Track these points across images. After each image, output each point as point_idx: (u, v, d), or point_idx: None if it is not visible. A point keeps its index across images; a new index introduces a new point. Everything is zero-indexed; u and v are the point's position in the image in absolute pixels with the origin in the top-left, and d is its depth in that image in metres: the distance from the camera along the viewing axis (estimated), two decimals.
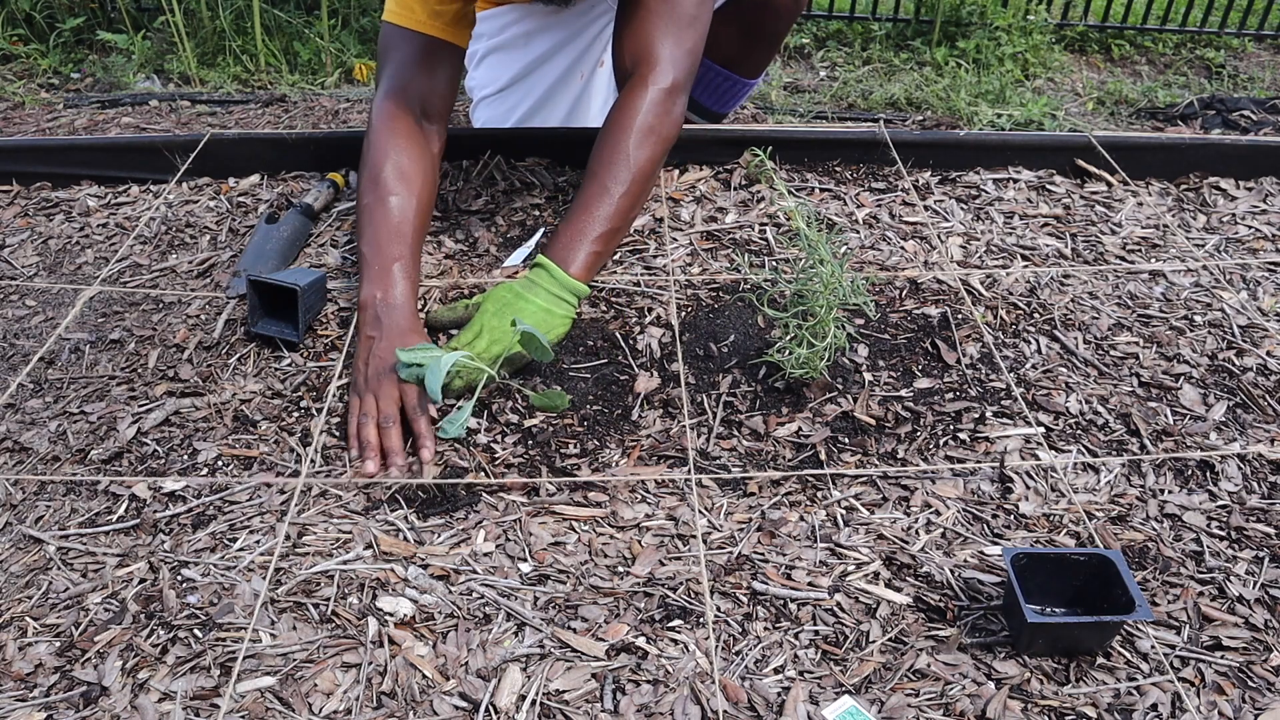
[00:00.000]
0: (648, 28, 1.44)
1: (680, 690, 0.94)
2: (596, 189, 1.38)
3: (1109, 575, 0.98)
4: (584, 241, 1.37)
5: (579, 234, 1.37)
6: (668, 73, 1.42)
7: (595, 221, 1.37)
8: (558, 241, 1.38)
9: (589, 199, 1.38)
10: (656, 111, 1.40)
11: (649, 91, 1.40)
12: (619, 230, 1.41)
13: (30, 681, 0.96)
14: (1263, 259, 1.61)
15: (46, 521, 1.14)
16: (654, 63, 1.42)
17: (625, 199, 1.39)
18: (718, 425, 1.26)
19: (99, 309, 1.50)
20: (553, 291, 1.34)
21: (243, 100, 2.46)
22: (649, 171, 1.41)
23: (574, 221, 1.38)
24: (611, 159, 1.39)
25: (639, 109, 1.40)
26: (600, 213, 1.38)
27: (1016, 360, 1.37)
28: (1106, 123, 2.46)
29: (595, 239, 1.37)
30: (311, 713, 0.93)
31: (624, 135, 1.39)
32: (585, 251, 1.37)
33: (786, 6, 1.77)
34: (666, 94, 1.41)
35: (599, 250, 1.38)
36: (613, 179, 1.38)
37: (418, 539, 1.10)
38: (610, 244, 1.41)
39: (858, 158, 1.83)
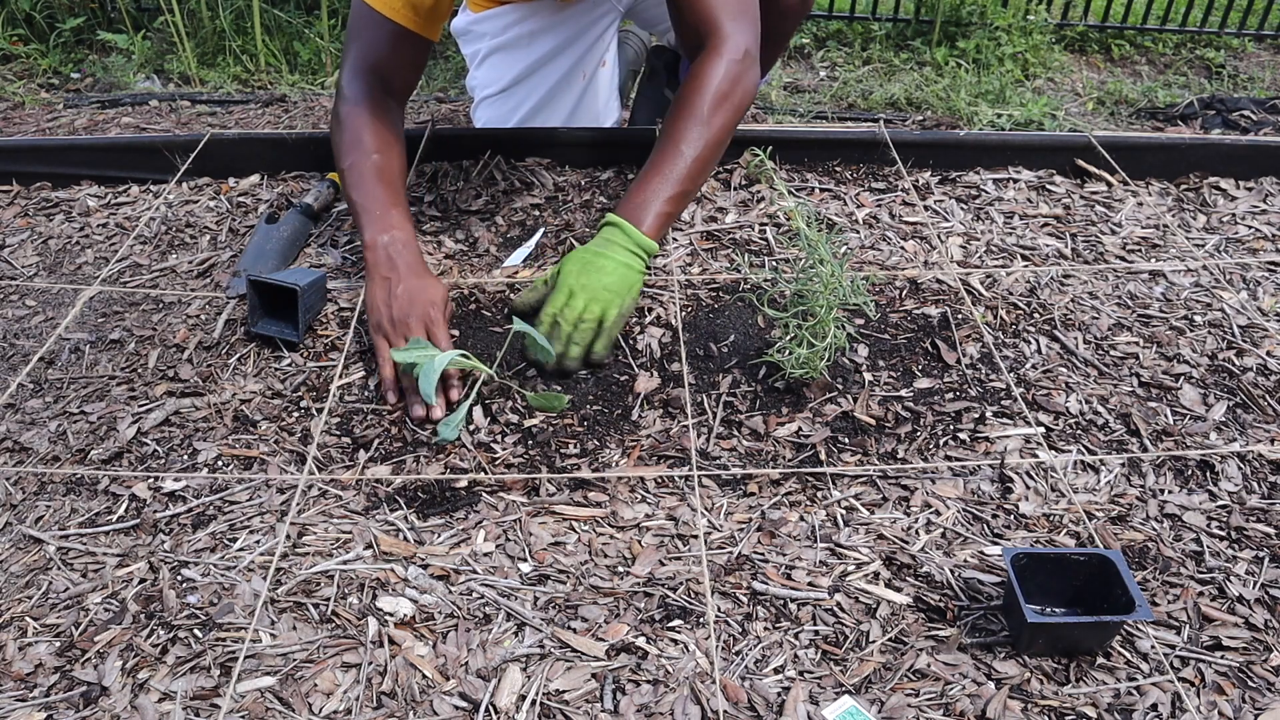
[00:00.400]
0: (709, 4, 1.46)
1: (680, 690, 0.94)
2: (670, 150, 1.39)
3: (1109, 575, 0.98)
4: (656, 201, 1.37)
5: (652, 193, 1.38)
6: (739, 42, 1.44)
7: (667, 182, 1.38)
8: (630, 200, 1.39)
9: (662, 160, 1.40)
10: (730, 78, 1.41)
11: (723, 60, 1.41)
12: (689, 193, 1.42)
13: (30, 681, 0.96)
14: (1263, 259, 1.61)
15: (46, 521, 1.14)
16: (722, 34, 1.44)
17: (697, 163, 1.39)
18: (718, 425, 1.26)
19: (99, 309, 1.50)
20: (628, 248, 1.35)
21: (243, 100, 2.46)
22: (722, 138, 1.42)
23: (647, 181, 1.39)
24: (687, 123, 1.40)
25: (714, 76, 1.41)
26: (673, 174, 1.38)
27: (1016, 360, 1.37)
28: (1106, 123, 2.46)
29: (667, 199, 1.38)
30: (311, 713, 0.93)
31: (700, 100, 1.40)
32: (656, 211, 1.37)
33: (794, 7, 1.77)
34: (738, 63, 1.42)
35: (669, 211, 1.39)
36: (687, 142, 1.39)
37: (418, 539, 1.11)
38: (680, 205, 1.41)
39: (858, 158, 1.83)
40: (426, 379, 1.16)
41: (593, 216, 1.67)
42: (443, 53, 2.79)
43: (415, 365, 1.21)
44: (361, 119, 1.46)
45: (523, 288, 1.49)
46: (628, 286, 1.33)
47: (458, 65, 2.70)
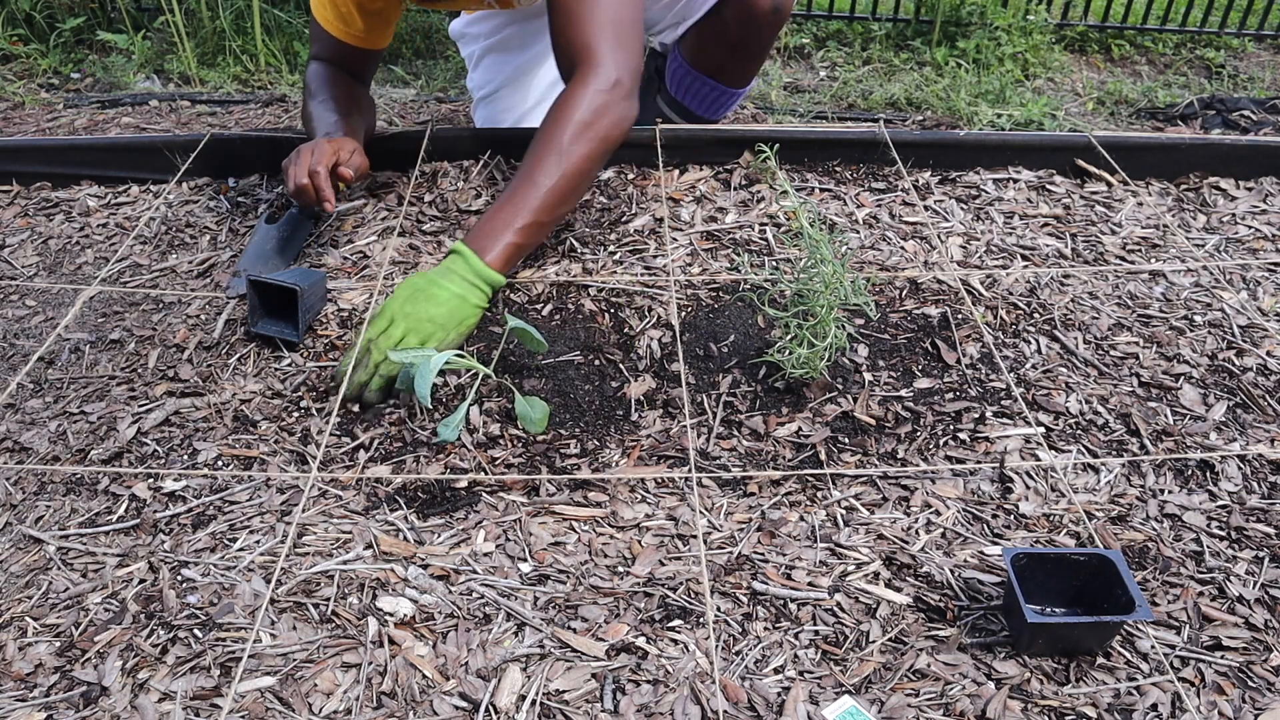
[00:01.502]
0: (586, 26, 1.41)
1: (680, 690, 0.94)
2: (525, 180, 1.36)
3: (1109, 575, 0.98)
4: (505, 231, 1.34)
5: (501, 223, 1.34)
6: (610, 71, 1.39)
7: (519, 213, 1.34)
8: (478, 229, 1.36)
9: (515, 189, 1.36)
10: (596, 109, 1.37)
11: (589, 89, 1.38)
12: (543, 225, 1.38)
13: (30, 681, 0.96)
14: (1263, 259, 1.61)
15: (46, 521, 1.14)
16: (594, 62, 1.39)
17: (552, 194, 1.35)
18: (718, 425, 1.26)
19: (99, 309, 1.50)
20: (467, 278, 1.32)
21: (243, 100, 2.46)
22: (582, 169, 1.37)
23: (497, 211, 1.36)
24: (544, 152, 1.36)
25: (577, 105, 1.37)
26: (525, 204, 1.35)
27: (1016, 360, 1.37)
28: (1106, 123, 2.46)
29: (516, 230, 1.34)
30: (311, 713, 0.93)
31: (559, 130, 1.36)
32: (504, 242, 1.34)
33: (768, 21, 1.77)
34: (606, 92, 1.38)
35: (519, 242, 1.35)
36: (543, 172, 1.35)
37: (418, 539, 1.11)
38: (532, 237, 1.38)
39: (858, 158, 1.83)
40: (422, 379, 1.16)
41: (593, 216, 1.67)
42: (443, 53, 2.79)
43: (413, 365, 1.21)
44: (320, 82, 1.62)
45: (521, 286, 1.49)
46: (458, 319, 1.30)
47: (458, 65, 2.70)
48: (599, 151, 1.39)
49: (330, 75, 1.64)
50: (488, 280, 1.33)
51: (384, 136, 1.79)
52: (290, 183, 1.42)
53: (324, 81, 1.63)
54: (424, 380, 1.16)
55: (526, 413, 1.23)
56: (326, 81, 1.62)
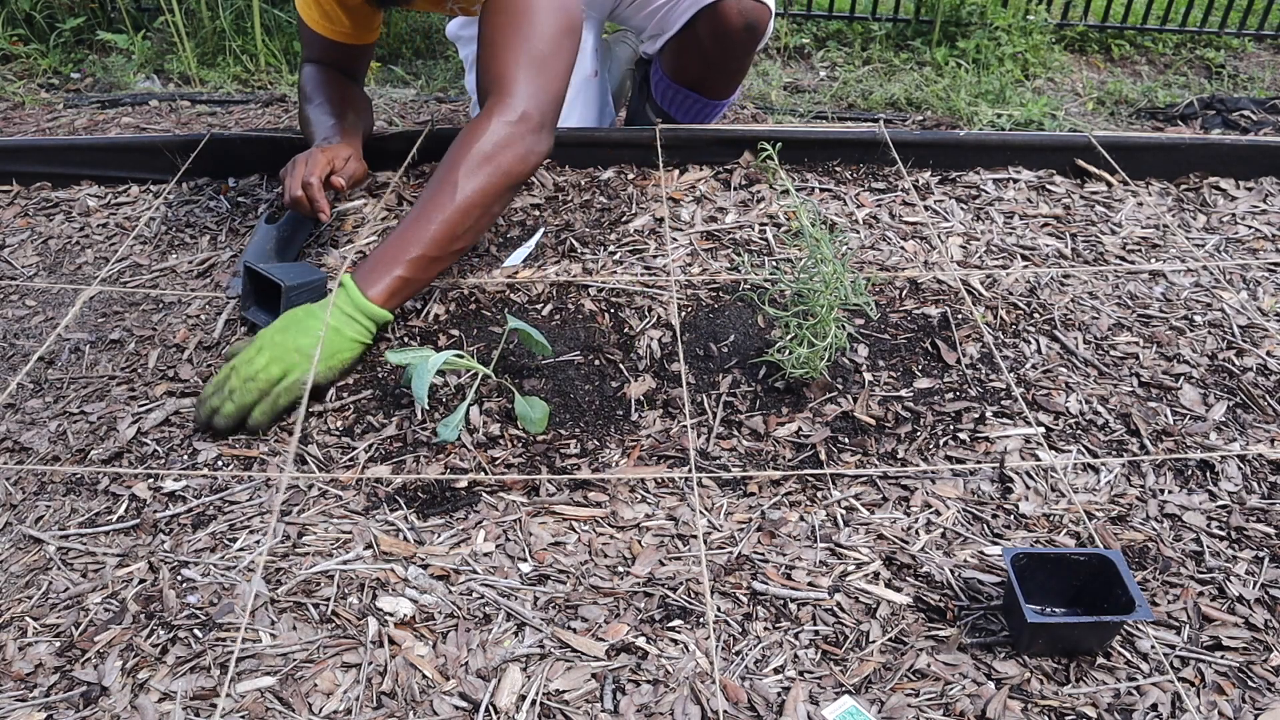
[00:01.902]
0: (503, 56, 1.38)
1: (680, 690, 0.94)
2: (419, 214, 1.32)
3: (1109, 575, 0.98)
4: (392, 266, 1.30)
5: (388, 258, 1.30)
6: (519, 104, 1.35)
7: (408, 246, 1.30)
8: (366, 262, 1.32)
9: (408, 222, 1.32)
10: (498, 142, 1.33)
11: (493, 121, 1.34)
12: (434, 260, 1.32)
13: (30, 681, 0.96)
14: (1263, 259, 1.61)
15: (46, 521, 1.14)
16: (505, 93, 1.36)
17: (444, 226, 1.31)
18: (718, 425, 1.26)
19: (99, 309, 1.50)
20: (345, 311, 1.28)
21: (243, 100, 2.46)
22: (477, 202, 1.32)
23: (388, 244, 1.31)
24: (438, 185, 1.32)
25: (477, 137, 1.33)
26: (415, 238, 1.30)
27: (1016, 360, 1.37)
28: (1106, 123, 2.46)
29: (405, 263, 1.30)
30: (311, 713, 0.93)
31: (456, 162, 1.32)
32: (391, 276, 1.29)
33: (742, 38, 1.76)
34: (513, 125, 1.34)
35: (406, 276, 1.30)
36: (435, 206, 1.31)
37: (418, 539, 1.10)
38: (422, 272, 1.32)
39: (858, 158, 1.83)
40: (419, 381, 1.16)
41: (593, 216, 1.67)
42: (443, 53, 2.79)
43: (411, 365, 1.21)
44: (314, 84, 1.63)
45: (521, 287, 1.49)
46: (330, 352, 1.26)
47: (457, 65, 2.70)
48: (498, 186, 1.34)
49: (324, 77, 1.64)
50: (367, 313, 1.29)
51: (384, 136, 1.79)
52: (285, 195, 1.43)
53: (318, 84, 1.63)
54: (421, 381, 1.16)
55: (526, 413, 1.23)
56: (320, 84, 1.63)
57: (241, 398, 1.21)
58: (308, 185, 1.41)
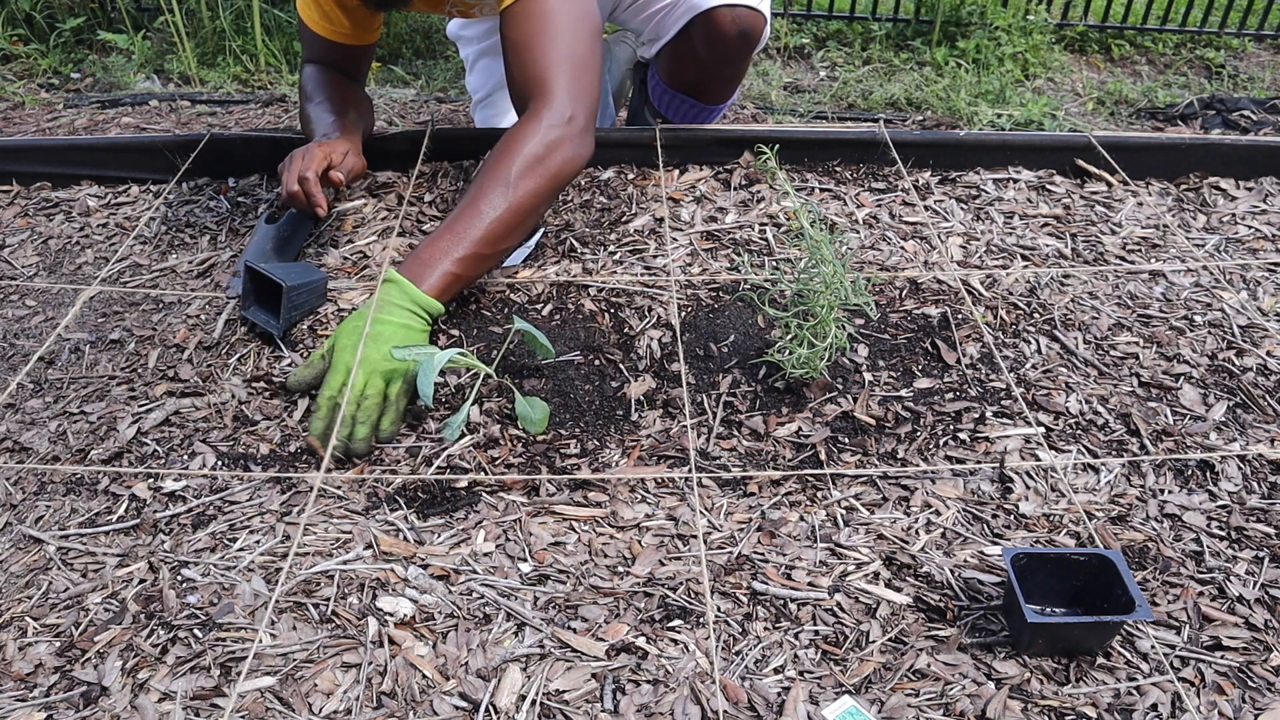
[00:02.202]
0: (541, 60, 1.37)
1: (680, 690, 0.94)
2: (469, 210, 1.31)
3: (1109, 575, 0.98)
4: (443, 260, 1.29)
5: (441, 251, 1.29)
6: (564, 106, 1.35)
7: (459, 243, 1.29)
8: (416, 257, 1.30)
9: (457, 218, 1.31)
10: (549, 143, 1.33)
11: (542, 123, 1.34)
12: (484, 258, 1.32)
13: (30, 681, 0.96)
14: (1263, 259, 1.61)
15: (46, 521, 1.14)
16: (549, 95, 1.36)
17: (496, 225, 1.30)
18: (718, 425, 1.26)
19: (99, 309, 1.50)
20: (406, 307, 1.27)
21: (243, 100, 2.46)
22: (528, 204, 1.32)
23: (437, 239, 1.30)
24: (491, 183, 1.31)
25: (529, 137, 1.33)
26: (467, 234, 1.30)
27: (1016, 360, 1.37)
28: (1106, 123, 2.46)
29: (455, 260, 1.29)
30: (311, 713, 0.93)
31: (508, 161, 1.32)
32: (442, 270, 1.29)
33: (735, 45, 1.75)
34: (560, 128, 1.34)
35: (457, 273, 1.30)
36: (487, 203, 1.30)
37: (418, 539, 1.10)
38: (472, 269, 1.32)
39: (858, 158, 1.83)
40: (425, 378, 1.16)
41: (593, 216, 1.67)
42: (443, 53, 2.79)
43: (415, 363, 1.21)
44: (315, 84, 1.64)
45: (521, 287, 1.49)
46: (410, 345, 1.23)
47: (458, 65, 2.71)
48: (548, 188, 1.34)
49: (324, 77, 1.65)
50: (426, 307, 1.28)
51: (384, 136, 1.79)
52: (283, 189, 1.43)
53: (318, 84, 1.64)
54: (426, 379, 1.16)
55: (527, 413, 1.23)
56: (321, 83, 1.64)
57: (367, 416, 1.19)
58: (304, 180, 1.41)
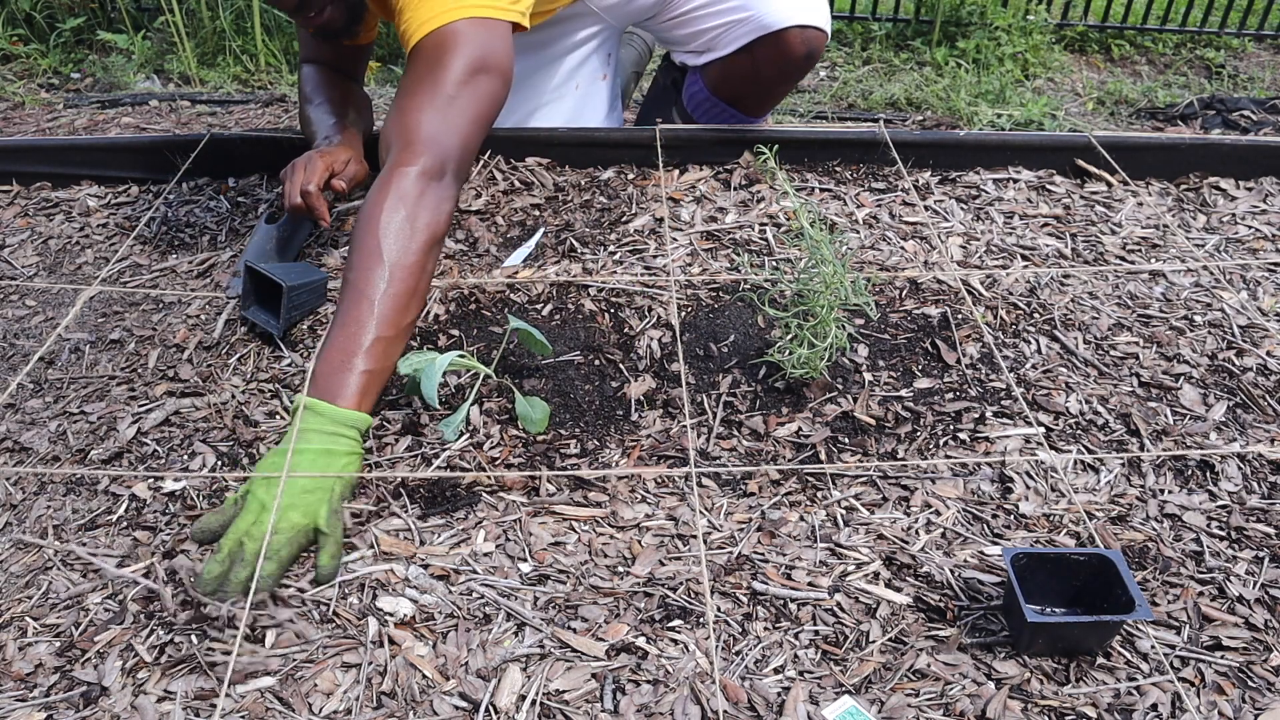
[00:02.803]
0: (407, 105, 1.29)
1: (680, 690, 0.94)
2: (354, 299, 1.18)
3: (1109, 575, 0.98)
4: (352, 363, 1.15)
5: (344, 357, 1.15)
6: (426, 153, 1.25)
7: (361, 336, 1.16)
8: (319, 371, 1.16)
9: (346, 311, 1.18)
10: (412, 198, 1.22)
11: (405, 177, 1.23)
12: (392, 340, 1.18)
13: (30, 681, 0.96)
14: (1263, 259, 1.61)
15: (46, 521, 1.14)
16: (411, 144, 1.26)
17: (389, 301, 1.18)
18: (718, 425, 1.26)
19: (99, 309, 1.50)
20: (325, 431, 1.12)
21: (243, 100, 2.46)
22: (411, 266, 1.20)
23: (335, 343, 1.16)
24: (365, 260, 1.19)
25: (386, 197, 1.22)
26: (364, 325, 1.16)
27: (1016, 360, 1.37)
28: (1106, 123, 2.46)
29: (364, 356, 1.15)
30: (311, 713, 0.93)
31: (374, 230, 1.20)
32: (355, 374, 1.14)
33: (800, 65, 1.74)
34: (423, 176, 1.24)
35: (372, 369, 1.16)
36: (369, 284, 1.18)
37: (418, 539, 1.10)
38: (384, 359, 1.18)
39: (858, 158, 1.83)
40: (428, 381, 1.16)
41: (593, 216, 1.67)
42: None
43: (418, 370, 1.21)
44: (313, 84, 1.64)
45: (521, 287, 1.49)
46: (334, 477, 1.10)
47: None
48: (424, 246, 1.22)
49: (322, 77, 1.65)
50: (349, 423, 1.13)
51: None
52: (285, 201, 1.44)
53: (317, 84, 1.64)
54: (430, 382, 1.16)
55: (527, 413, 1.23)
56: (320, 84, 1.64)
57: (274, 553, 1.03)
58: (306, 194, 1.42)
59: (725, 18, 1.74)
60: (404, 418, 1.26)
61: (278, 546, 1.03)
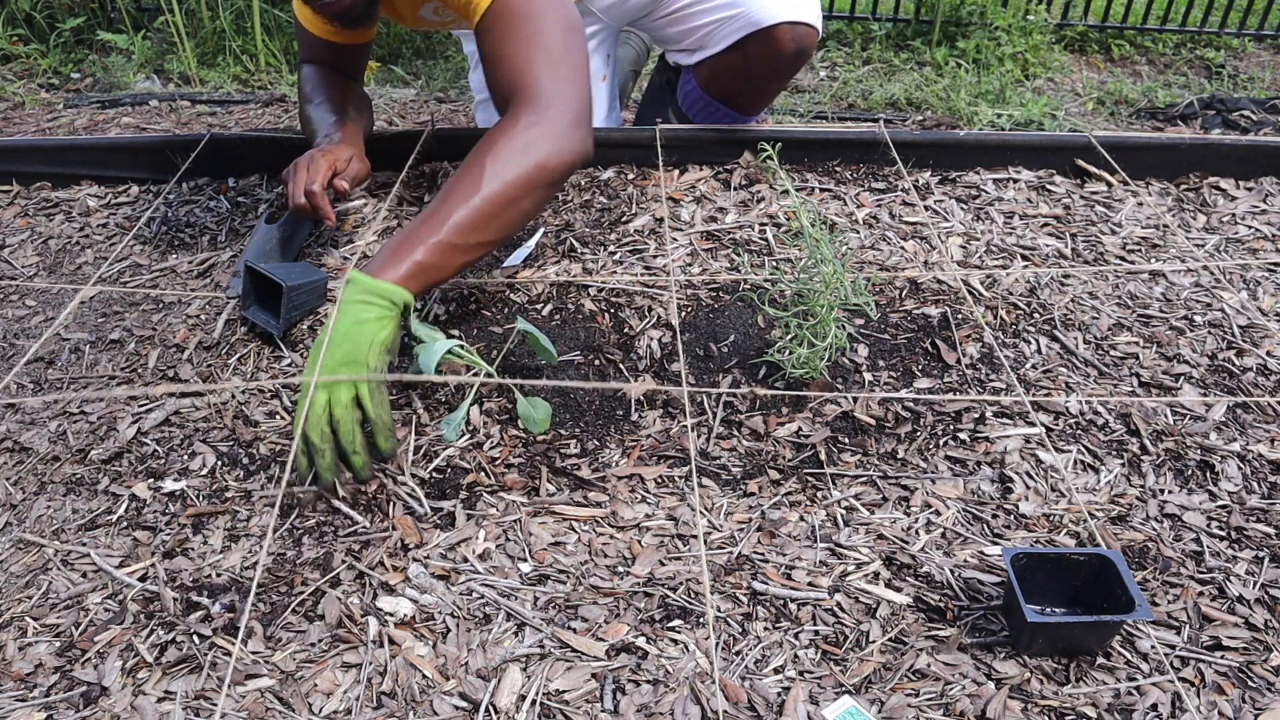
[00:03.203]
0: (515, 63, 1.32)
1: (680, 690, 0.94)
2: (438, 201, 1.23)
3: (1109, 575, 0.98)
4: (408, 252, 1.19)
5: (403, 245, 1.20)
6: (545, 101, 1.29)
7: (426, 233, 1.20)
8: (380, 253, 1.21)
9: (427, 210, 1.23)
10: (531, 136, 1.26)
11: (520, 118, 1.27)
12: (455, 248, 1.21)
13: (30, 681, 0.96)
14: (1263, 259, 1.61)
15: (46, 521, 1.14)
16: (528, 92, 1.30)
17: (468, 213, 1.22)
18: (718, 425, 1.26)
19: (99, 309, 1.50)
20: (355, 300, 1.15)
21: (243, 100, 2.46)
22: (504, 194, 1.23)
23: (401, 234, 1.22)
24: (463, 173, 1.24)
25: (503, 132, 1.27)
26: (434, 224, 1.21)
27: (1016, 360, 1.37)
28: (1106, 123, 2.46)
29: (423, 249, 1.19)
30: (311, 713, 0.93)
31: (483, 152, 1.25)
32: (406, 259, 1.18)
33: (790, 62, 1.75)
34: (544, 122, 1.28)
35: (424, 261, 1.19)
36: (457, 194, 1.22)
37: (418, 539, 1.10)
38: (443, 259, 1.21)
39: (858, 158, 1.83)
40: (428, 355, 1.18)
41: (593, 216, 1.67)
42: (442, 53, 2.79)
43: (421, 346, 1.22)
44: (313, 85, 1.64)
45: (521, 287, 1.49)
46: (367, 340, 1.13)
47: (458, 65, 2.71)
48: (530, 179, 1.25)
49: (323, 77, 1.65)
50: (381, 292, 1.16)
51: (384, 136, 1.79)
52: (289, 202, 1.44)
53: (317, 84, 1.64)
54: (430, 355, 1.18)
55: (529, 413, 1.23)
56: (320, 84, 1.64)
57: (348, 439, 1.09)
58: (310, 194, 1.41)
59: (716, 15, 1.74)
60: (402, 417, 1.26)
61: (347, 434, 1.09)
